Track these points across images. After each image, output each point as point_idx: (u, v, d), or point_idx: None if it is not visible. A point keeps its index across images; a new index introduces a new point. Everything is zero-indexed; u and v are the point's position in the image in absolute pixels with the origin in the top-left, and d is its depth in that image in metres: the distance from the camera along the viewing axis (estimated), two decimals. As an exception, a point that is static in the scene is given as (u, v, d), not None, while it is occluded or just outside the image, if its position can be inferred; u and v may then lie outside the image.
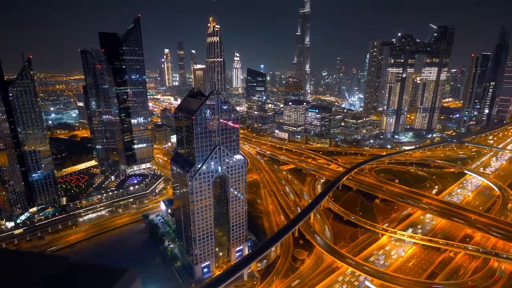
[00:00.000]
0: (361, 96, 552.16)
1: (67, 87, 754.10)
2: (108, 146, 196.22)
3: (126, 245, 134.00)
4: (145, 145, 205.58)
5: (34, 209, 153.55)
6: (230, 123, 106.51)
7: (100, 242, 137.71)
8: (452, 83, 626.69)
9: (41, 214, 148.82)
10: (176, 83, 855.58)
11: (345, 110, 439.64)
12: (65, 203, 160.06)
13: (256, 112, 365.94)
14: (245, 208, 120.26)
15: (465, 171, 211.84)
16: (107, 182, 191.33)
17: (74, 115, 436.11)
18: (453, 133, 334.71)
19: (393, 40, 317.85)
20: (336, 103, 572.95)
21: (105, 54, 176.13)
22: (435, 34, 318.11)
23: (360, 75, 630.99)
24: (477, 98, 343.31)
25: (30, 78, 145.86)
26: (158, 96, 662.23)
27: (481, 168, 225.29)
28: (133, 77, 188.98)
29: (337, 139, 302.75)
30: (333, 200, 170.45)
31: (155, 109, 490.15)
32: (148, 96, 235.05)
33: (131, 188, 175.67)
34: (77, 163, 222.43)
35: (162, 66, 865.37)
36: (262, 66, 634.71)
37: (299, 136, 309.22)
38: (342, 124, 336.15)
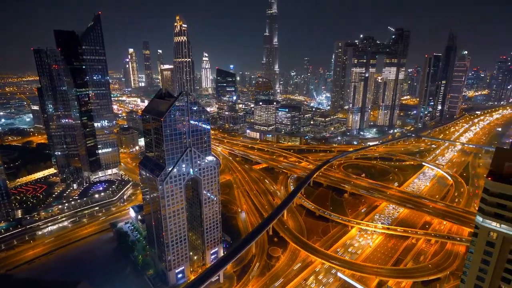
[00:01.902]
0: (328, 95, 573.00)
1: (18, 89, 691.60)
2: (69, 152, 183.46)
3: (93, 256, 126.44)
4: (110, 149, 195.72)
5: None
6: (200, 124, 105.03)
7: (63, 255, 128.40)
8: (409, 82, 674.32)
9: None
10: (143, 84, 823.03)
11: (313, 109, 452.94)
12: (20, 216, 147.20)
13: (227, 113, 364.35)
14: (219, 210, 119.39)
15: (423, 163, 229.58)
16: (69, 190, 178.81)
17: (28, 119, 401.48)
18: (412, 128, 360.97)
19: (356, 41, 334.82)
20: (305, 102, 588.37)
21: (62, 53, 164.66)
22: (393, 36, 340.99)
23: (327, 74, 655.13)
24: (431, 96, 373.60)
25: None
26: (124, 98, 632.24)
27: (437, 160, 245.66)
28: (94, 78, 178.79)
29: (307, 137, 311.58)
30: (305, 196, 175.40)
31: (120, 111, 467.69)
32: (112, 98, 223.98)
33: (96, 195, 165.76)
34: (34, 171, 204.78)
35: (127, 66, 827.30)
36: (231, 66, 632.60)
37: (270, 135, 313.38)
38: (311, 122, 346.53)
